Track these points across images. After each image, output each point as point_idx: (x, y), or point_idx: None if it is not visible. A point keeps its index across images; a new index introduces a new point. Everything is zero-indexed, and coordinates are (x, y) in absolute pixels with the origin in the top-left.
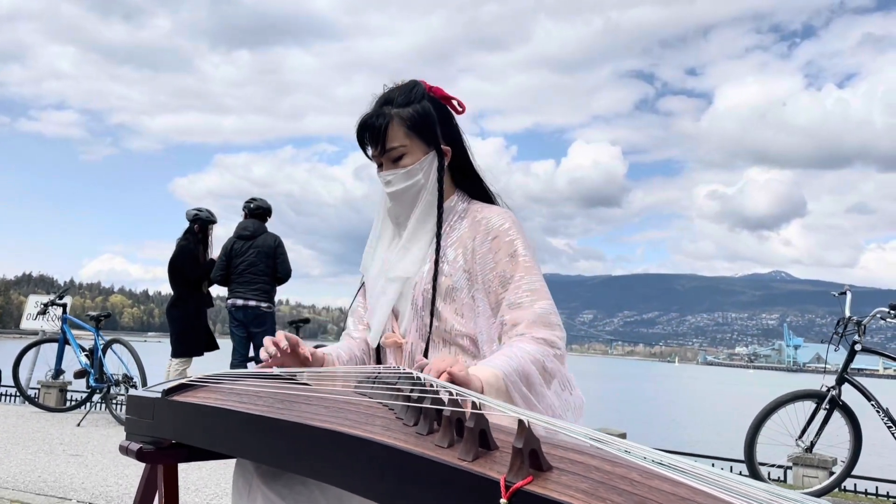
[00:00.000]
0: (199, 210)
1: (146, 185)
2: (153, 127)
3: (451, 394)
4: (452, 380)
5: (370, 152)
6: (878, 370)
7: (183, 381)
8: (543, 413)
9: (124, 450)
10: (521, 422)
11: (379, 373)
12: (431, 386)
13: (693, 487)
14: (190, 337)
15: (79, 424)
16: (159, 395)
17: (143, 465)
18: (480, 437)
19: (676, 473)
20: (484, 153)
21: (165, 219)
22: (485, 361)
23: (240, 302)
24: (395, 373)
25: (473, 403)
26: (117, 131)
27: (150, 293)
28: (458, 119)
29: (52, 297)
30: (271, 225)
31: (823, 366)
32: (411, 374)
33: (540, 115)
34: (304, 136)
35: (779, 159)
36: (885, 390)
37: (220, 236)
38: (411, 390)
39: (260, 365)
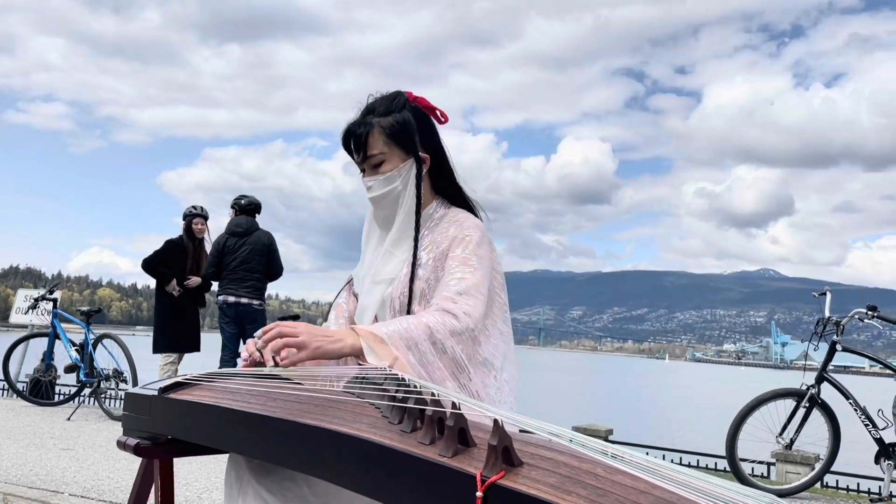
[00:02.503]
0: (192, 207)
1: (135, 179)
2: (142, 120)
3: (433, 394)
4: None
5: (355, 159)
6: (864, 367)
7: (178, 379)
8: (438, 383)
9: (122, 445)
10: (495, 421)
11: (367, 373)
12: (415, 387)
13: (651, 482)
14: (168, 332)
15: (69, 419)
16: (156, 393)
17: (135, 459)
18: (459, 434)
19: (637, 469)
20: (474, 149)
21: (154, 212)
22: (372, 326)
23: (231, 299)
24: (381, 373)
25: (453, 403)
26: (106, 124)
27: (139, 287)
28: (445, 127)
29: (42, 291)
30: (260, 220)
31: (812, 363)
32: (396, 374)
33: (530, 112)
34: (295, 130)
35: (766, 158)
36: (870, 387)
37: (214, 230)
38: (396, 390)
39: (241, 365)
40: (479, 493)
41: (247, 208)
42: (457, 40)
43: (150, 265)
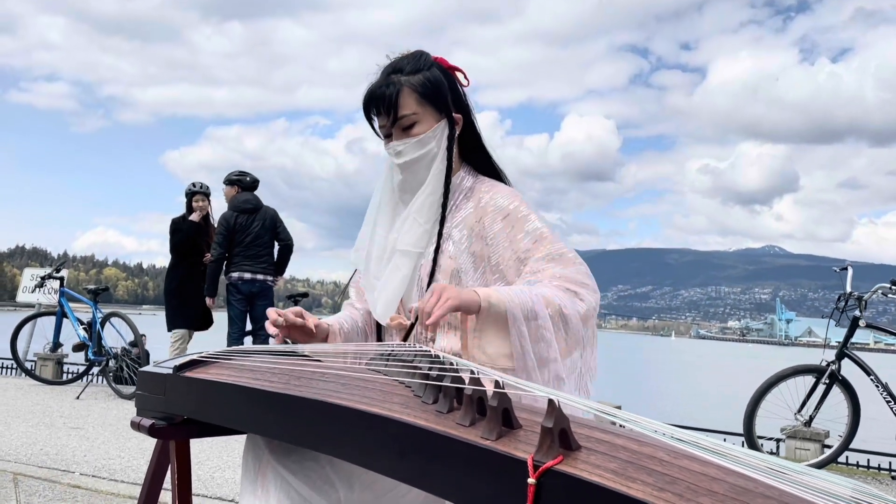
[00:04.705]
0: (193, 184)
1: (138, 158)
2: (144, 99)
3: (472, 372)
4: (448, 310)
5: (378, 123)
6: (868, 344)
7: (194, 356)
8: (542, 363)
9: (136, 425)
10: (550, 401)
11: (394, 349)
12: (451, 364)
13: (722, 466)
14: (177, 309)
15: (78, 397)
16: (171, 371)
17: (146, 438)
18: (503, 415)
19: (703, 452)
20: None
21: (158, 192)
22: (492, 288)
23: (247, 276)
24: (411, 350)
25: (496, 382)
26: (108, 103)
27: (144, 266)
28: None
29: (48, 270)
30: (264, 198)
31: (816, 340)
32: (429, 351)
33: (533, 89)
34: (297, 108)
35: (771, 134)
36: (876, 365)
37: (217, 210)
38: (430, 367)
39: (276, 340)
40: (531, 480)
41: (251, 185)
42: (459, 17)
43: (177, 248)
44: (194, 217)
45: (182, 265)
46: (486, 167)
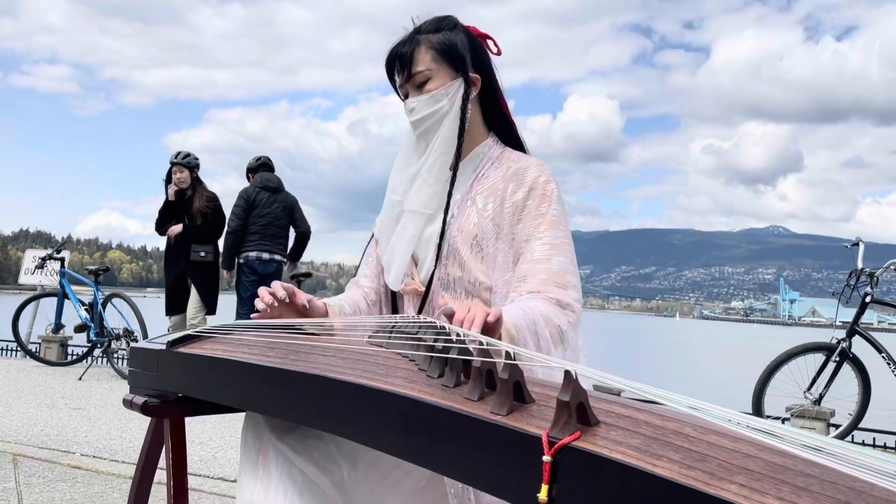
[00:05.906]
0: (176, 153)
1: (140, 141)
2: (145, 82)
3: (481, 343)
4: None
5: (398, 83)
6: (872, 323)
7: (189, 332)
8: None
9: (129, 403)
10: (567, 373)
11: (396, 322)
12: (458, 335)
13: (756, 442)
14: (170, 292)
15: (80, 378)
16: (164, 347)
17: (147, 418)
18: (515, 389)
19: (736, 427)
20: None
21: (161, 174)
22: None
23: (265, 255)
24: (414, 322)
25: (507, 353)
26: (110, 86)
27: (149, 249)
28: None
29: (49, 251)
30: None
31: (820, 319)
32: (434, 323)
33: (536, 70)
34: (299, 90)
35: (775, 114)
36: (884, 344)
37: (224, 194)
38: (435, 340)
39: (255, 315)
40: (546, 457)
41: (261, 166)
42: None
43: (157, 231)
44: (169, 195)
45: (167, 248)
46: (510, 136)
